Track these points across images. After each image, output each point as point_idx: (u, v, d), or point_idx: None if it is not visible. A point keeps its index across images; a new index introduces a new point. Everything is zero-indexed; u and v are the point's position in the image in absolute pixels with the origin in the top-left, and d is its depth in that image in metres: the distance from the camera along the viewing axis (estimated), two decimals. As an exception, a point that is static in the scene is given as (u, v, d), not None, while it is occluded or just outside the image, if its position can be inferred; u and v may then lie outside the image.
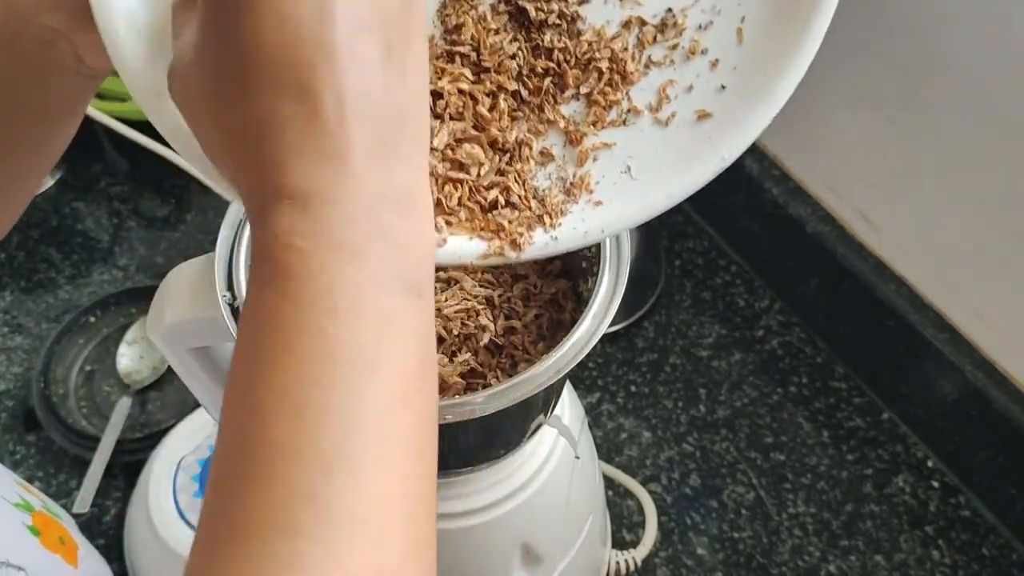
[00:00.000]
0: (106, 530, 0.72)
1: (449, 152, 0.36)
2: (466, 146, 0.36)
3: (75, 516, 0.67)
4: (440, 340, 0.45)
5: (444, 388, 0.43)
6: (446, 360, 0.45)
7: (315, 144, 0.28)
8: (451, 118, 0.36)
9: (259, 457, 0.27)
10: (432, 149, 0.36)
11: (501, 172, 0.36)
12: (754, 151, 0.81)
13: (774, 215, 0.80)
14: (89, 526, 0.71)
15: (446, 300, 0.46)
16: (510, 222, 0.36)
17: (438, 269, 0.49)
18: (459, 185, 0.36)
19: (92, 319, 0.82)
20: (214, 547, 0.26)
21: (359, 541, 0.26)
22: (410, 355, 0.28)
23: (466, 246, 0.36)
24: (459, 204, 0.36)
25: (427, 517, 0.29)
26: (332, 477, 0.26)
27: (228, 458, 0.28)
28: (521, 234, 0.36)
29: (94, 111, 0.85)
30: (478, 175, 0.36)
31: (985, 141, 0.62)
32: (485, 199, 0.36)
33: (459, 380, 0.44)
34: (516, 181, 0.37)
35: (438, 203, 0.36)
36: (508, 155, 0.37)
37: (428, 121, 0.31)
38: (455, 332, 0.45)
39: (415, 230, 0.29)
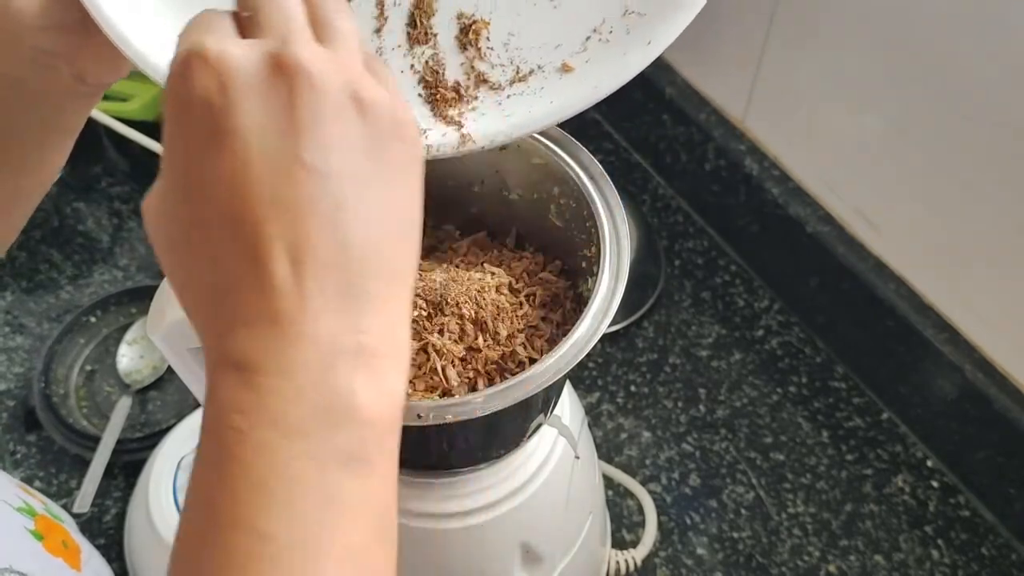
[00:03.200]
0: (106, 530, 0.72)
1: None
2: None
3: (75, 516, 0.67)
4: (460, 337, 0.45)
5: (447, 390, 0.43)
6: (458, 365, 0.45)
7: (263, 307, 0.27)
8: None
9: None
10: None
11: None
12: (754, 151, 0.82)
13: (774, 215, 0.80)
14: (89, 526, 0.71)
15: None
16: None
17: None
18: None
19: (93, 319, 0.82)
20: None
21: None
22: (359, 531, 0.27)
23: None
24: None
25: None
26: None
27: None
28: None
29: (94, 111, 0.85)
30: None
31: (985, 141, 0.62)
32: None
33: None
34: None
35: None
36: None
37: (413, 252, 0.29)
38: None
39: (373, 387, 0.27)
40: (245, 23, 0.29)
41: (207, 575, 0.26)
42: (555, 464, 0.52)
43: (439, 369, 0.43)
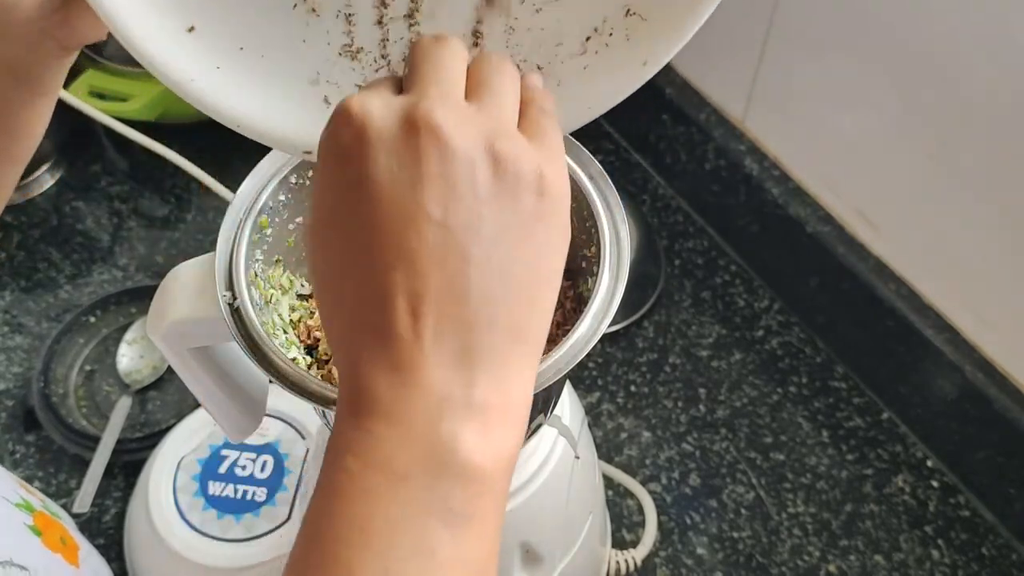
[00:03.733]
0: (106, 530, 0.72)
1: None
2: None
3: (75, 516, 0.67)
4: None
5: None
6: None
7: (383, 351, 0.28)
8: None
9: None
10: None
11: None
12: (754, 151, 0.82)
13: (774, 215, 0.80)
14: (89, 526, 0.71)
15: None
16: None
17: None
18: None
19: (92, 319, 0.82)
20: None
21: None
22: None
23: None
24: None
25: None
26: None
27: None
28: None
29: (94, 111, 0.85)
30: None
31: (984, 141, 0.62)
32: None
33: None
34: None
35: None
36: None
37: (538, 310, 0.30)
38: None
39: (479, 440, 0.28)
40: (405, 79, 0.31)
41: None
42: (555, 464, 0.52)
43: None
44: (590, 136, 0.98)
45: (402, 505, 0.27)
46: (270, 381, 0.39)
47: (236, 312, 0.40)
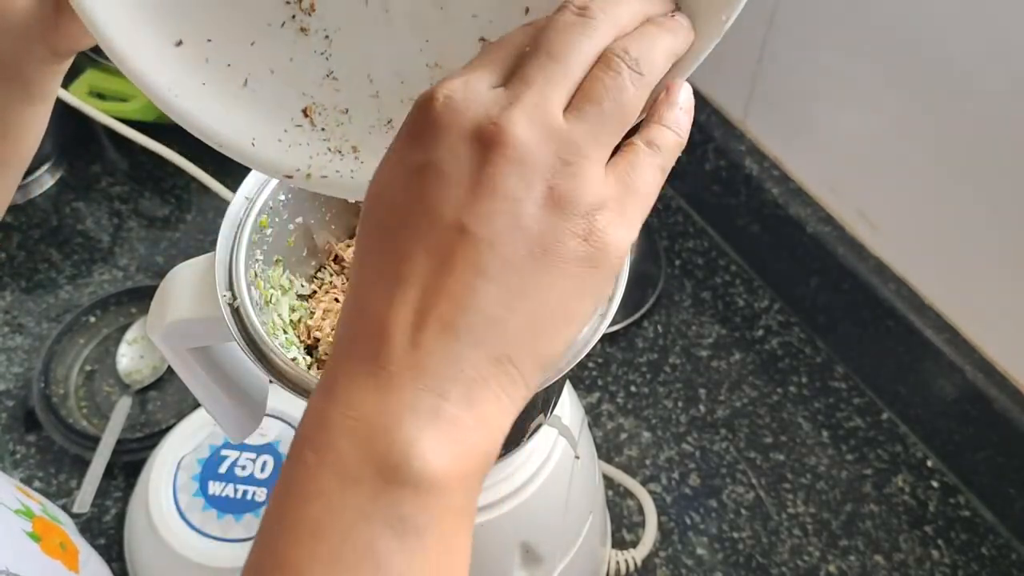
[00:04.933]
0: (106, 530, 0.72)
1: None
2: None
3: (75, 516, 0.67)
4: None
5: None
6: None
7: (373, 338, 0.27)
8: None
9: None
10: None
11: None
12: (754, 151, 0.82)
13: (774, 215, 0.80)
14: (89, 526, 0.71)
15: None
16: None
17: None
18: None
19: (92, 319, 0.82)
20: None
21: None
22: None
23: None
24: None
25: None
26: None
27: None
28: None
29: (94, 111, 0.85)
30: None
31: (985, 141, 0.62)
32: None
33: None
34: None
35: None
36: None
37: (544, 353, 0.29)
38: None
39: (440, 454, 0.27)
40: (519, 61, 0.29)
41: None
42: (555, 464, 0.52)
43: None
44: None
45: (352, 510, 0.26)
46: (270, 381, 0.39)
47: (236, 312, 0.40)
